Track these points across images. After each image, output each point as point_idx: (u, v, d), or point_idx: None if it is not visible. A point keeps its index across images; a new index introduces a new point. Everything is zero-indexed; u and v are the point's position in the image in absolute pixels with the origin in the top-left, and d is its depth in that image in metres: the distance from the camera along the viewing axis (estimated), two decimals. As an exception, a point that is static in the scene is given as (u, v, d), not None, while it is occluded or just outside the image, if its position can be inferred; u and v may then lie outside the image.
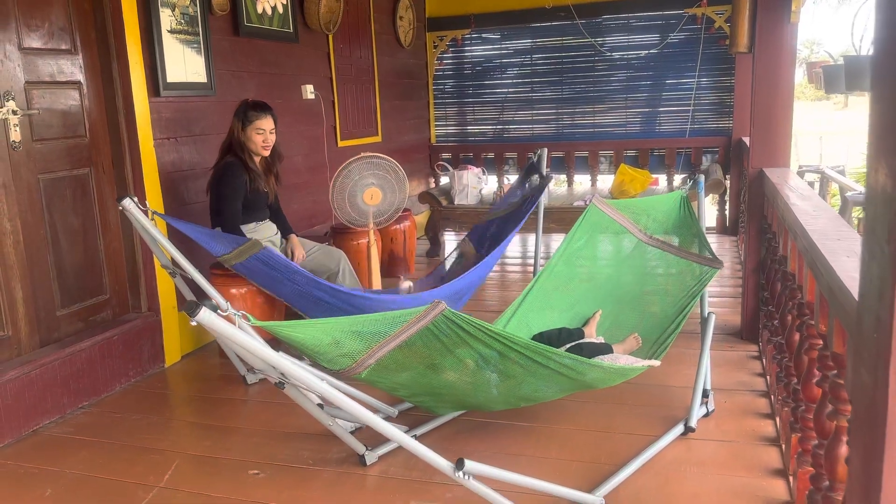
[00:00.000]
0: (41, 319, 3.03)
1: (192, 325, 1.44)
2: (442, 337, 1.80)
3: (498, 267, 5.41)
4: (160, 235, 2.74)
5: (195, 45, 3.70)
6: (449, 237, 6.41)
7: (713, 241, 5.48)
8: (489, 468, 1.78)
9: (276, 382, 1.95)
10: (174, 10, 3.54)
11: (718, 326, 3.54)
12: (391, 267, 4.85)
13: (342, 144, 5.18)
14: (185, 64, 3.63)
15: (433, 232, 5.80)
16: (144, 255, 3.42)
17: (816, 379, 1.80)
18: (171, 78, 3.53)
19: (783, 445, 2.37)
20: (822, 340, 1.77)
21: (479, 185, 5.86)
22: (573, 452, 2.46)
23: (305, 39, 4.73)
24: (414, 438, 1.85)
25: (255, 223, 3.45)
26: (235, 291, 3.33)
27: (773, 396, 2.73)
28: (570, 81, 6.53)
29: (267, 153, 3.43)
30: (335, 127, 5.11)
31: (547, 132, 6.68)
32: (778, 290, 2.64)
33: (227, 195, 3.32)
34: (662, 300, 2.94)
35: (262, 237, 3.45)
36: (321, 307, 3.04)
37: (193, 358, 3.64)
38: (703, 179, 3.11)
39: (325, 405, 2.33)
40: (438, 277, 3.75)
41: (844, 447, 1.51)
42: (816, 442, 1.79)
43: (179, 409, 3.12)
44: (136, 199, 2.66)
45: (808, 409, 1.96)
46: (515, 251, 5.92)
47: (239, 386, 3.20)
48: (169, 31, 3.51)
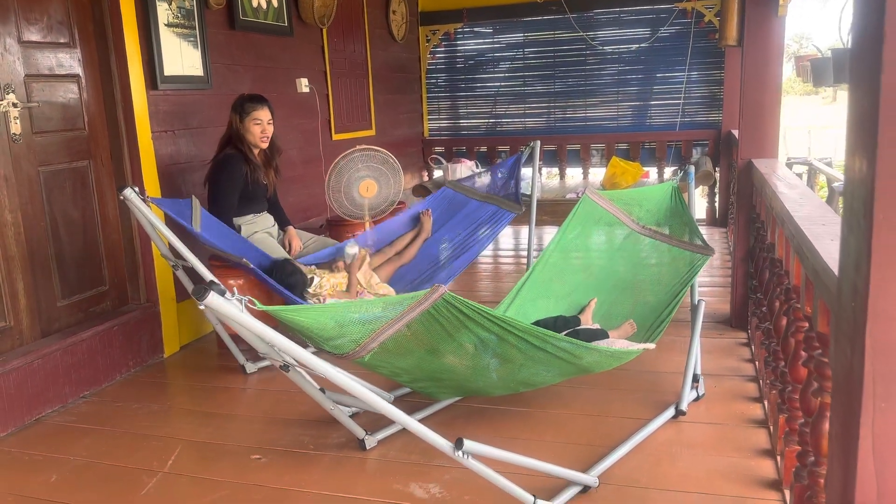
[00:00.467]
0: (42, 310, 3.06)
1: (200, 308, 1.49)
2: (442, 320, 1.85)
3: (491, 258, 5.47)
4: (160, 224, 2.78)
5: (191, 38, 3.73)
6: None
7: (703, 232, 5.54)
8: (487, 448, 1.84)
9: (280, 366, 2.00)
10: (171, 3, 3.57)
11: (708, 315, 3.61)
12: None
13: (336, 138, 5.22)
14: (181, 57, 3.66)
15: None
16: (143, 246, 3.46)
17: (802, 360, 1.87)
18: (168, 71, 3.56)
19: (771, 427, 2.45)
20: (807, 322, 1.84)
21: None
22: (568, 436, 2.53)
23: (300, 33, 4.77)
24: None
25: (252, 215, 3.50)
26: (234, 282, 3.38)
27: (761, 381, 2.80)
28: (561, 75, 6.59)
29: (265, 145, 3.47)
30: (329, 120, 5.15)
31: (539, 126, 6.74)
32: (766, 277, 2.72)
33: (223, 186, 3.36)
34: (656, 287, 3.00)
35: (260, 229, 3.50)
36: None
37: (192, 349, 3.69)
38: (693, 171, 3.18)
39: (325, 391, 2.39)
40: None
41: (828, 423, 1.58)
42: (803, 420, 1.86)
43: (179, 397, 3.17)
44: (136, 188, 2.70)
45: (794, 389, 2.03)
46: (508, 243, 5.98)
47: (238, 375, 3.25)
48: (166, 24, 3.54)
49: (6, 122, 2.87)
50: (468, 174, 5.84)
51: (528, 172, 4.22)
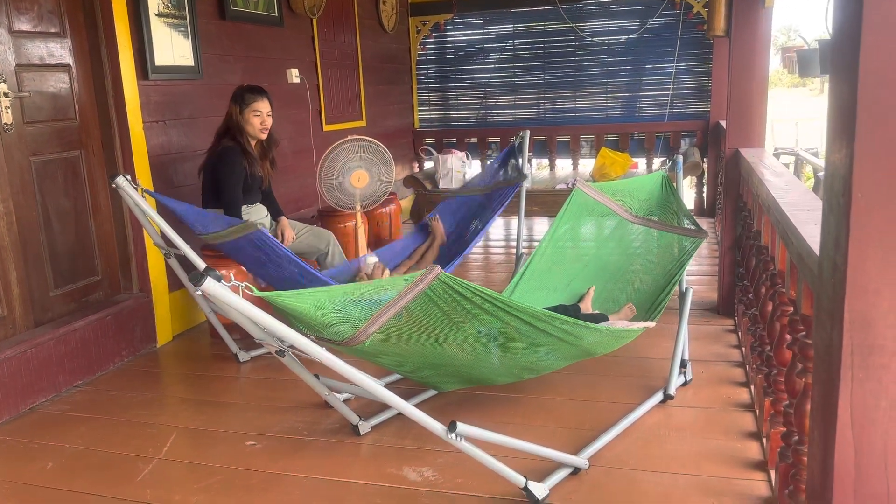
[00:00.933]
0: (35, 300, 3.07)
1: (196, 294, 1.51)
2: (439, 302, 1.87)
3: (482, 250, 5.51)
4: (152, 212, 2.79)
5: (182, 28, 3.73)
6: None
7: (691, 222, 5.60)
8: (480, 430, 1.88)
9: (276, 351, 2.02)
10: (161, -7, 3.56)
11: (696, 302, 3.66)
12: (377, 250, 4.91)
13: (327, 129, 5.23)
14: (172, 48, 3.66)
15: (418, 216, 5.88)
16: (135, 236, 3.47)
17: (787, 342, 1.92)
18: (158, 61, 3.56)
19: (757, 411, 2.50)
20: (792, 306, 1.89)
21: (462, 168, 5.94)
22: (558, 420, 2.57)
23: (290, 24, 4.77)
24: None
25: (246, 206, 3.51)
26: (226, 272, 3.38)
27: (747, 366, 2.85)
28: (551, 66, 6.62)
29: (264, 136, 3.48)
30: (320, 111, 5.16)
31: (529, 117, 6.77)
32: (752, 264, 2.76)
33: (228, 181, 3.35)
34: (652, 273, 3.07)
35: (253, 219, 3.51)
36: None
37: (185, 338, 3.70)
38: (681, 160, 3.22)
39: (319, 377, 2.41)
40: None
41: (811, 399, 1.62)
42: (787, 402, 1.91)
43: (173, 386, 3.19)
44: (128, 177, 2.71)
45: (779, 372, 2.07)
46: (499, 234, 6.02)
47: (231, 364, 3.27)
48: (156, 14, 3.54)
49: (-3, 111, 2.87)
50: (459, 165, 5.90)
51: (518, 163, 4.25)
